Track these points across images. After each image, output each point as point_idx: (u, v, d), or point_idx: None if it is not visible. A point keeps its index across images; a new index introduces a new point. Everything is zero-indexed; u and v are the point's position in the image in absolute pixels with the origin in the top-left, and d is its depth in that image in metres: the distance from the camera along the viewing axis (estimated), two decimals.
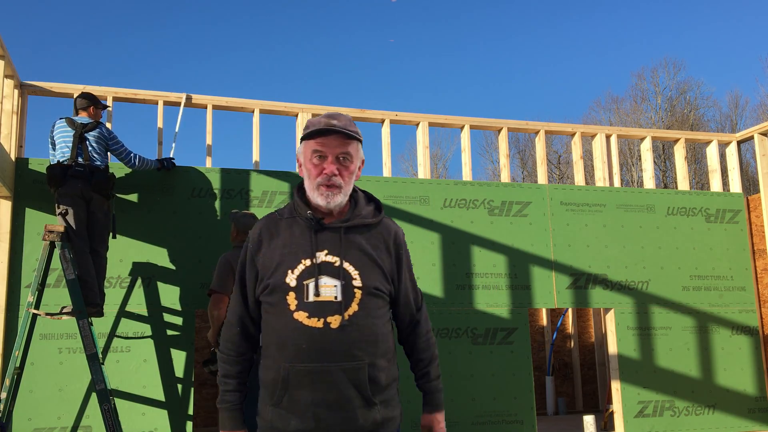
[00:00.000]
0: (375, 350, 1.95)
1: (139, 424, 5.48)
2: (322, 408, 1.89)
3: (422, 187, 6.61)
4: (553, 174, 33.50)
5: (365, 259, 1.99)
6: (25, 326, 4.99)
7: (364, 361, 1.92)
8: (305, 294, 1.93)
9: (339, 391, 1.89)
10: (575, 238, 6.88)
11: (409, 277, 2.14)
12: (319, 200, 1.99)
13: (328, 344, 1.90)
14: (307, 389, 1.90)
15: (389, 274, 2.05)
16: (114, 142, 5.36)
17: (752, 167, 29.29)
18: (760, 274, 7.37)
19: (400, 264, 2.09)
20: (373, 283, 1.98)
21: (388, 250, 2.06)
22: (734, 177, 7.73)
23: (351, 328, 1.91)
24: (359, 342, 1.92)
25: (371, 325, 1.95)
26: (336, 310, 1.92)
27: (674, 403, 6.75)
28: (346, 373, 1.90)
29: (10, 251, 5.51)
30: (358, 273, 1.96)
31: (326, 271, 1.95)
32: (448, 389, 6.18)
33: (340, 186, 1.98)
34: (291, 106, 6.64)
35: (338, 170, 1.98)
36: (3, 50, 5.30)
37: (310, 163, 2.00)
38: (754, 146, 7.59)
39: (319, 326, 1.90)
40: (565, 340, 9.91)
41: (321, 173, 1.98)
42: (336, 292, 1.93)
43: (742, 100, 42.87)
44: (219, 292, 4.72)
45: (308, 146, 2.00)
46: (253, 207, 6.12)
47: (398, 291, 2.09)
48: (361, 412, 1.92)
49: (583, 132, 7.46)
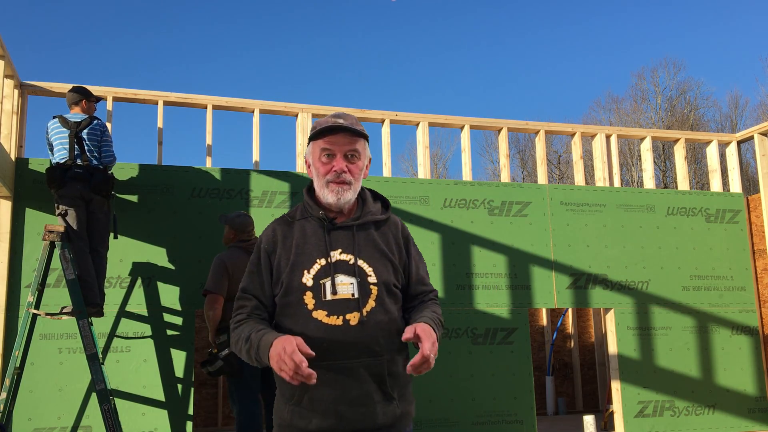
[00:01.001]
0: (392, 345, 1.99)
1: (139, 424, 5.48)
2: (343, 405, 1.91)
3: (422, 187, 6.62)
4: (553, 174, 33.50)
5: (378, 255, 2.03)
6: (25, 326, 4.99)
7: (383, 356, 1.95)
8: (323, 293, 1.95)
9: (360, 387, 1.92)
10: (575, 238, 6.88)
11: (422, 268, 2.16)
12: (330, 197, 2.01)
13: (349, 341, 1.92)
14: (328, 387, 1.91)
15: (401, 268, 2.09)
16: (105, 137, 5.34)
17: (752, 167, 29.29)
18: (760, 274, 7.37)
19: (411, 256, 2.13)
20: (387, 279, 2.01)
21: (398, 244, 2.10)
22: (734, 177, 7.73)
23: (370, 324, 1.95)
24: (378, 337, 1.95)
25: (388, 320, 1.99)
26: (354, 307, 1.95)
27: (674, 403, 6.75)
28: (367, 368, 1.93)
29: (10, 251, 5.51)
30: (372, 269, 2.00)
31: (341, 270, 1.98)
32: (448, 389, 6.18)
33: (350, 182, 2.01)
34: (291, 106, 6.64)
35: (347, 167, 2.01)
36: (3, 50, 5.30)
37: (319, 162, 2.02)
38: (754, 146, 7.59)
39: (338, 324, 1.93)
40: (565, 340, 9.90)
41: (330, 171, 2.00)
42: (353, 290, 1.96)
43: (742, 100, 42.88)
44: (213, 293, 4.72)
45: (316, 146, 2.03)
46: (253, 207, 6.12)
47: (408, 283, 2.12)
48: (381, 407, 1.95)
49: (583, 132, 7.46)
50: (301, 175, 6.35)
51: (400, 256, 2.09)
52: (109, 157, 5.32)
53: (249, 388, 4.69)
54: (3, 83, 5.43)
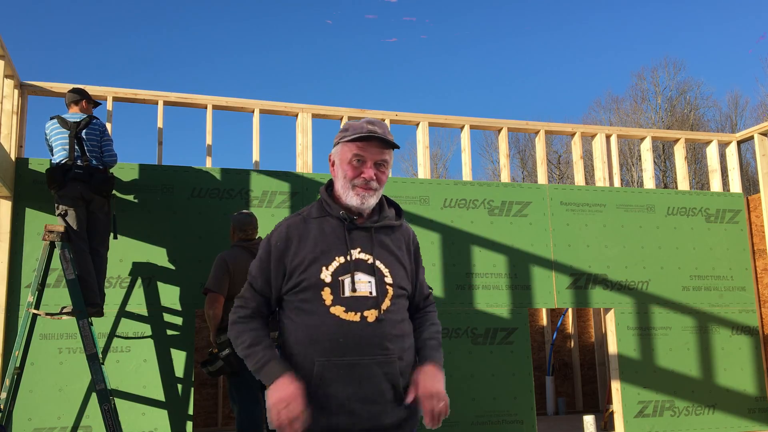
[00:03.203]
0: (403, 345, 2.03)
1: (139, 424, 5.48)
2: (356, 402, 1.94)
3: (422, 187, 6.62)
4: (553, 174, 33.50)
5: (392, 258, 2.09)
6: (25, 326, 4.99)
7: (395, 355, 1.99)
8: (341, 289, 1.98)
9: (374, 384, 1.95)
10: (575, 238, 6.88)
11: (422, 276, 2.25)
12: (354, 200, 2.05)
13: (364, 338, 1.95)
14: (342, 383, 1.93)
15: (410, 274, 2.15)
16: (106, 137, 5.34)
17: (752, 167, 29.29)
18: (760, 274, 7.37)
19: (418, 264, 2.21)
20: (401, 282, 2.08)
21: (408, 250, 2.17)
22: (734, 177, 7.73)
23: (385, 323, 1.99)
24: (391, 336, 1.99)
25: (400, 320, 2.05)
26: (372, 304, 1.99)
27: (674, 403, 6.75)
28: (380, 366, 1.96)
29: (10, 251, 5.51)
30: (388, 271, 2.06)
31: (360, 268, 2.02)
32: (448, 389, 6.13)
33: (376, 189, 2.07)
34: (291, 106, 6.64)
35: (376, 175, 2.06)
36: (3, 50, 5.30)
37: (348, 165, 2.05)
38: (754, 146, 7.59)
39: (356, 320, 1.96)
40: (565, 340, 9.90)
41: (359, 176, 2.04)
42: (371, 288, 2.00)
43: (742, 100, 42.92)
44: (214, 292, 4.72)
45: (347, 148, 2.06)
46: (253, 207, 6.12)
47: (414, 291, 2.19)
48: (391, 406, 1.98)
49: (583, 132, 7.46)
50: (301, 175, 6.35)
51: (410, 261, 2.16)
52: (111, 156, 5.32)
53: (249, 388, 4.68)
54: (3, 83, 5.43)
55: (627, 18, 47.37)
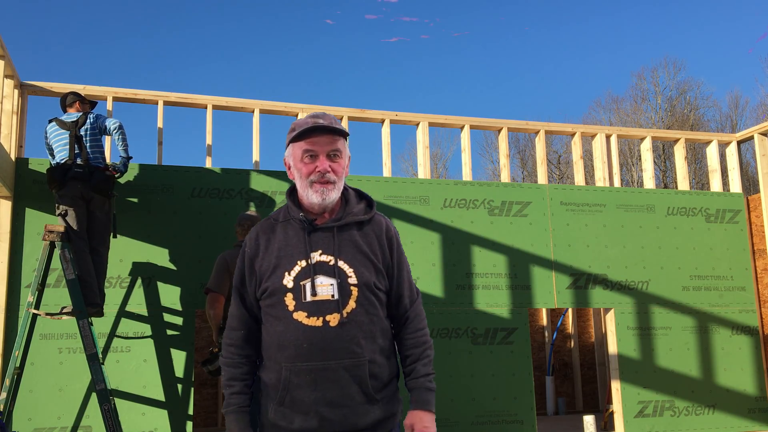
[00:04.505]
0: (374, 346, 1.98)
1: (139, 424, 5.48)
2: (324, 406, 1.92)
3: (422, 187, 6.62)
4: (553, 174, 33.49)
5: (359, 256, 2.02)
6: (25, 326, 4.99)
7: (364, 357, 1.95)
8: (303, 294, 1.96)
9: (341, 388, 1.92)
10: (575, 238, 6.88)
11: (405, 271, 2.13)
12: (315, 198, 2.01)
13: (329, 342, 1.92)
14: (309, 388, 1.92)
15: (384, 270, 2.07)
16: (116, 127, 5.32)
17: (752, 167, 29.29)
18: (760, 274, 7.37)
19: (393, 258, 2.10)
20: (368, 280, 2.00)
21: (381, 245, 2.08)
22: (734, 177, 7.73)
23: (350, 326, 1.95)
24: (358, 339, 1.95)
25: (369, 321, 1.99)
26: (334, 308, 1.95)
27: (674, 403, 6.75)
28: (348, 370, 1.93)
29: (10, 251, 5.51)
30: (353, 270, 1.99)
31: (321, 271, 1.98)
32: (448, 389, 6.18)
33: (334, 182, 2.02)
34: (291, 106, 6.64)
35: (330, 166, 2.01)
36: (3, 50, 5.30)
37: (301, 163, 2.02)
38: (754, 146, 7.59)
39: (318, 325, 1.93)
40: (565, 340, 9.91)
41: (313, 171, 2.01)
42: (332, 291, 1.96)
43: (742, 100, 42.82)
44: (215, 292, 4.72)
45: (297, 147, 2.03)
46: (253, 207, 6.12)
47: (391, 285, 2.09)
48: (363, 408, 1.95)
49: (583, 132, 7.46)
50: None
51: (383, 256, 2.07)
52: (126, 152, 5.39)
53: None
54: (3, 83, 5.43)
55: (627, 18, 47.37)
